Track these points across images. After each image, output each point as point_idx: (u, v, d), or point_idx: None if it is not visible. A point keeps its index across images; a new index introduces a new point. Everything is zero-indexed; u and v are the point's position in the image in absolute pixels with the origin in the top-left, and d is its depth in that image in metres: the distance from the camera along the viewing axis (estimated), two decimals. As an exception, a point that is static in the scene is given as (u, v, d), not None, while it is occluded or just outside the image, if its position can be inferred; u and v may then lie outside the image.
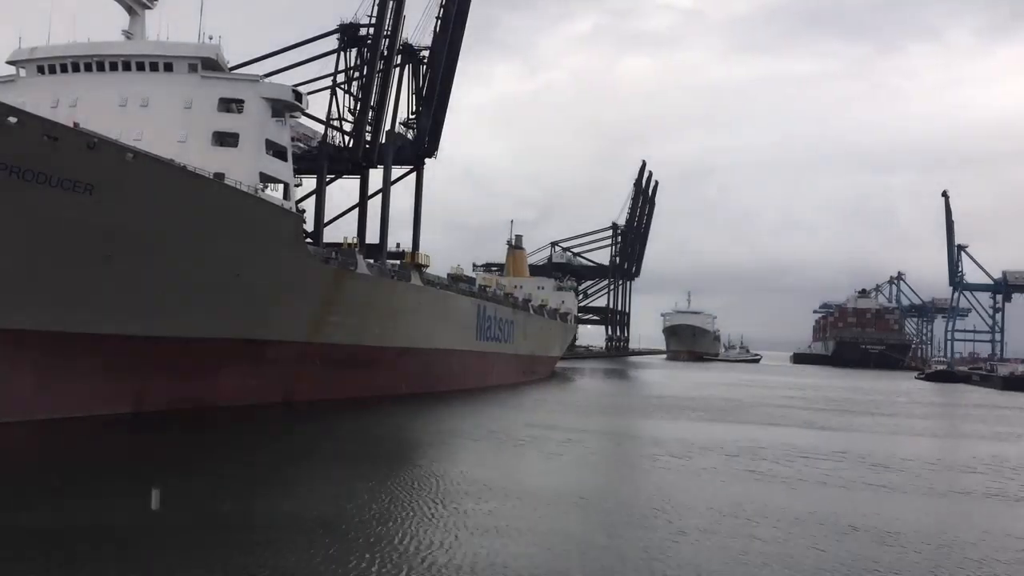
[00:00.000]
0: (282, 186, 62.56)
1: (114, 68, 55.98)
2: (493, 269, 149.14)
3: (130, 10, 57.92)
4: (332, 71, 74.93)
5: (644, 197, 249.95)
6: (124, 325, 46.08)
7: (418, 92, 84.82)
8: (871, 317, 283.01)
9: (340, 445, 43.74)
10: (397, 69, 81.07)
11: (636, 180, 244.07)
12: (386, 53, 76.46)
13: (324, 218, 75.29)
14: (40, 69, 56.67)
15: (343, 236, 73.23)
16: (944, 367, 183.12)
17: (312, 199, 74.80)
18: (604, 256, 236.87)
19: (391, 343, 69.85)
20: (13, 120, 38.47)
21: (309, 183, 76.71)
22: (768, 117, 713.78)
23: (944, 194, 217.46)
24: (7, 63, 57.58)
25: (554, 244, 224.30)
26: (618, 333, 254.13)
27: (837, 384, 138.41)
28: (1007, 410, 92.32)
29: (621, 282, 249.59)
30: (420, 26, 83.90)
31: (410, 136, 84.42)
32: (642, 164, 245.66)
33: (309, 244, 65.12)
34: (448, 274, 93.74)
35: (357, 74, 75.37)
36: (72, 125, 42.15)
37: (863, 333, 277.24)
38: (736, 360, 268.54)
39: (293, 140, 64.15)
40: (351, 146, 75.35)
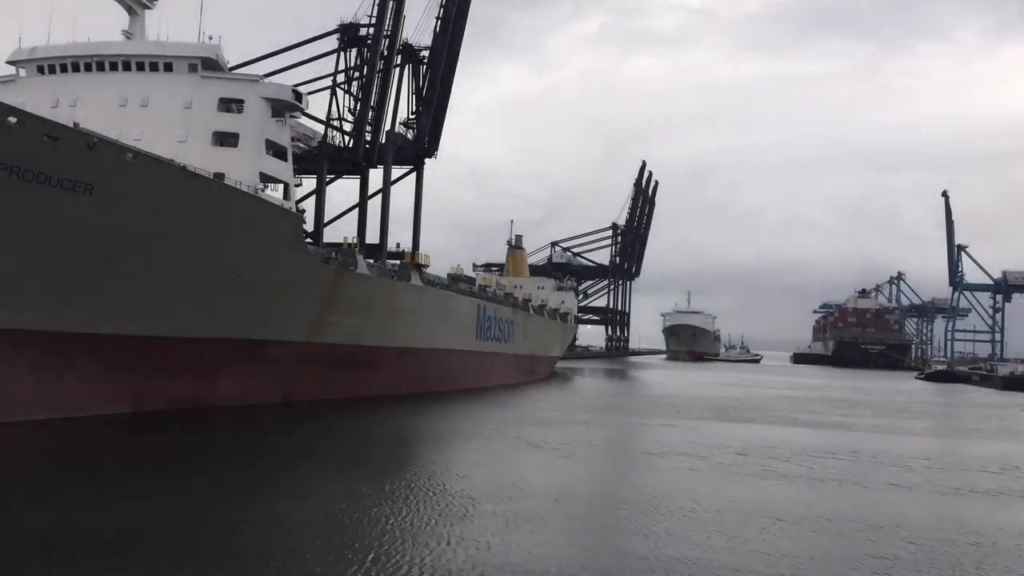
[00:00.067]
0: (282, 186, 62.61)
1: (114, 68, 56.00)
2: (493, 269, 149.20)
3: (130, 10, 57.95)
4: (332, 71, 74.99)
5: (644, 197, 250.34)
6: (124, 325, 46.09)
7: (418, 92, 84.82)
8: (871, 317, 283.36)
9: (340, 445, 43.66)
10: (397, 69, 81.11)
11: (636, 180, 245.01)
12: (386, 53, 76.48)
13: (324, 218, 75.31)
14: (40, 69, 56.69)
15: (343, 236, 73.27)
16: (944, 367, 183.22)
17: (312, 199, 74.94)
18: (604, 256, 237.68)
19: (391, 343, 69.86)
20: (13, 120, 38.45)
21: (309, 183, 76.86)
22: (773, 117, 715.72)
23: (944, 194, 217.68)
24: (7, 63, 57.67)
25: (554, 244, 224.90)
26: (618, 333, 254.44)
27: (837, 384, 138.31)
28: (1004, 409, 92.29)
29: (621, 282, 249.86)
30: (420, 26, 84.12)
31: (410, 136, 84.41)
32: (642, 164, 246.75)
33: (309, 244, 65.08)
34: (448, 274, 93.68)
35: (357, 74, 75.37)
36: (72, 125, 42.11)
37: (863, 333, 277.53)
38: (736, 360, 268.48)
39: (293, 140, 64.14)
40: (351, 146, 75.35)
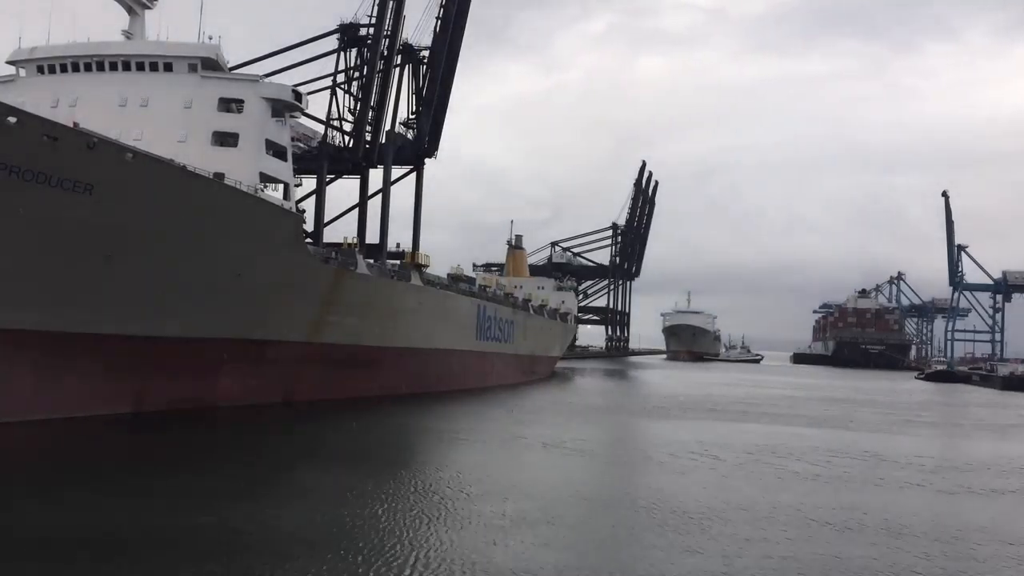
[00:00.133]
0: (282, 186, 62.61)
1: (114, 68, 55.98)
2: (493, 269, 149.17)
3: (130, 10, 57.93)
4: (332, 71, 74.99)
5: (644, 197, 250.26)
6: (124, 325, 46.08)
7: (418, 92, 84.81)
8: (871, 317, 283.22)
9: (340, 445, 43.71)
10: (397, 69, 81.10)
11: (636, 180, 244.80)
12: (386, 53, 76.48)
13: (324, 218, 75.31)
14: (40, 69, 56.66)
15: (343, 236, 73.27)
16: (944, 367, 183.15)
17: (312, 199, 74.96)
18: (604, 256, 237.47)
19: (391, 343, 69.83)
20: (13, 120, 38.44)
21: (309, 183, 76.87)
22: (779, 117, 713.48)
23: (944, 194, 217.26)
24: (7, 63, 57.64)
25: (554, 244, 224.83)
26: (618, 333, 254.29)
27: (838, 384, 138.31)
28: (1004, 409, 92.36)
29: (621, 282, 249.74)
30: (420, 26, 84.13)
31: (410, 136, 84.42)
32: (642, 164, 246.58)
33: (309, 244, 65.08)
34: (448, 274, 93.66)
35: (357, 74, 75.36)
36: (72, 125, 42.09)
37: (863, 333, 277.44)
38: (736, 360, 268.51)
39: (293, 140, 64.14)
40: (351, 146, 75.34)
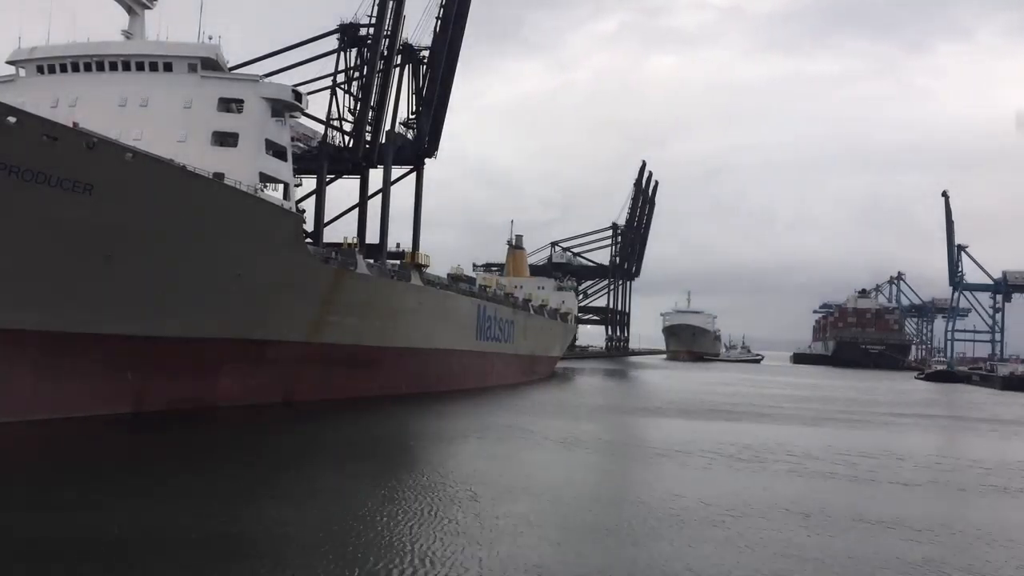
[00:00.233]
0: (282, 186, 62.57)
1: (114, 68, 55.96)
2: (493, 269, 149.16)
3: (130, 10, 57.92)
4: (332, 71, 74.91)
5: (644, 197, 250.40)
6: (124, 325, 46.07)
7: (418, 92, 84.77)
8: (871, 317, 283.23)
9: (340, 445, 43.69)
10: (397, 69, 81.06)
11: (636, 180, 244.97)
12: (386, 53, 76.44)
13: (324, 218, 75.28)
14: (40, 69, 56.64)
15: (343, 236, 73.24)
16: (944, 367, 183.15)
17: (312, 199, 74.93)
18: (604, 256, 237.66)
19: (391, 343, 69.82)
20: (12, 120, 38.40)
21: (309, 183, 76.82)
22: (788, 116, 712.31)
23: (944, 194, 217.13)
24: (7, 63, 57.62)
25: (554, 244, 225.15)
26: (618, 333, 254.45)
27: (838, 384, 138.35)
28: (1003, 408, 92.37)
29: (621, 282, 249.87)
30: (420, 26, 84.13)
31: (410, 136, 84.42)
32: (642, 164, 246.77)
33: (309, 244, 65.06)
34: (448, 274, 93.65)
35: (357, 74, 75.33)
36: (72, 125, 42.07)
37: (863, 333, 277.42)
38: (737, 360, 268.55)
39: (293, 140, 64.13)
40: (351, 146, 75.31)
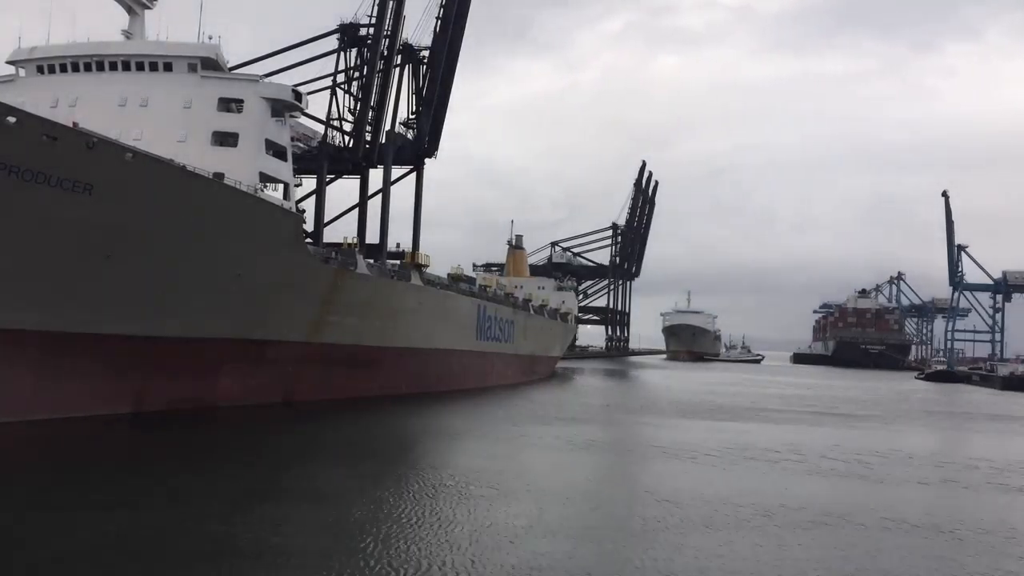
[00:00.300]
0: (282, 186, 62.58)
1: (114, 68, 55.97)
2: (493, 269, 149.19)
3: (130, 10, 57.93)
4: (332, 71, 74.94)
5: (644, 197, 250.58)
6: (124, 325, 46.07)
7: (418, 92, 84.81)
8: (871, 317, 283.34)
9: (340, 445, 43.68)
10: (397, 69, 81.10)
11: (636, 180, 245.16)
12: (386, 53, 76.46)
13: (324, 218, 75.31)
14: (40, 69, 56.65)
15: (343, 236, 73.26)
16: (944, 367, 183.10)
17: (312, 199, 74.95)
18: (604, 256, 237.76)
19: (391, 343, 69.82)
20: (12, 120, 38.41)
21: (309, 183, 76.87)
22: (793, 116, 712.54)
23: (944, 194, 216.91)
24: (7, 63, 57.66)
25: (554, 244, 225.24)
26: (618, 333, 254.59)
27: (838, 384, 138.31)
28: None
29: (621, 282, 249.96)
30: (420, 26, 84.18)
31: (410, 136, 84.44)
32: (642, 164, 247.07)
33: (309, 244, 65.07)
34: (448, 274, 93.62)
35: (357, 74, 75.33)
36: (71, 125, 42.08)
37: (863, 333, 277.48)
38: (737, 360, 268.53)
39: (293, 140, 64.13)
40: (351, 146, 75.33)
